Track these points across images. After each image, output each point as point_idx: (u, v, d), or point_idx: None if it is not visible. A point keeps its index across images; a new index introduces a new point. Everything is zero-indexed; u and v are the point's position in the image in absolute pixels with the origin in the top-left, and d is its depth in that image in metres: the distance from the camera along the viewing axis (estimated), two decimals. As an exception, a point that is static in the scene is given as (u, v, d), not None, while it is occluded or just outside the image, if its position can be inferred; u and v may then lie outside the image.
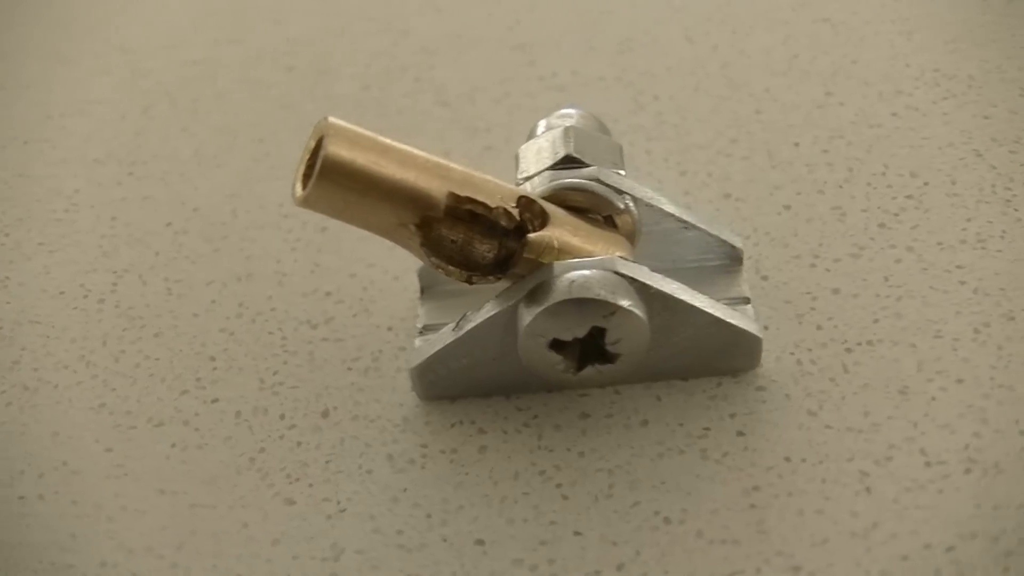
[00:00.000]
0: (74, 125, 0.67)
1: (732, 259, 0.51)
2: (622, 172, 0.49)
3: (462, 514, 0.45)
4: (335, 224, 0.49)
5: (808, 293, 0.51)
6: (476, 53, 0.67)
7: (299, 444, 0.49)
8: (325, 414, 0.50)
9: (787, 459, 0.45)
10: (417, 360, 0.48)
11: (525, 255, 0.46)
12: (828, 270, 0.51)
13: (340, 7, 0.75)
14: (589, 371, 0.46)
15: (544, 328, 0.45)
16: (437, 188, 0.45)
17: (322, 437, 0.49)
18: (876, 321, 0.49)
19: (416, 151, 0.46)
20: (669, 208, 0.50)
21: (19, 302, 0.57)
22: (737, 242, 0.51)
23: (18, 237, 0.60)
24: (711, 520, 0.44)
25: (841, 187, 0.55)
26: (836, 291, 0.51)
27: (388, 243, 0.47)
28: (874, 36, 0.65)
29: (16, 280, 0.58)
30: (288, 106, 0.65)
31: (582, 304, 0.44)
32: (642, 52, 0.66)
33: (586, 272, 0.45)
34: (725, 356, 0.48)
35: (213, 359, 0.52)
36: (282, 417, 0.50)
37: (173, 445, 0.49)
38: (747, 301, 0.50)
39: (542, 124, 0.52)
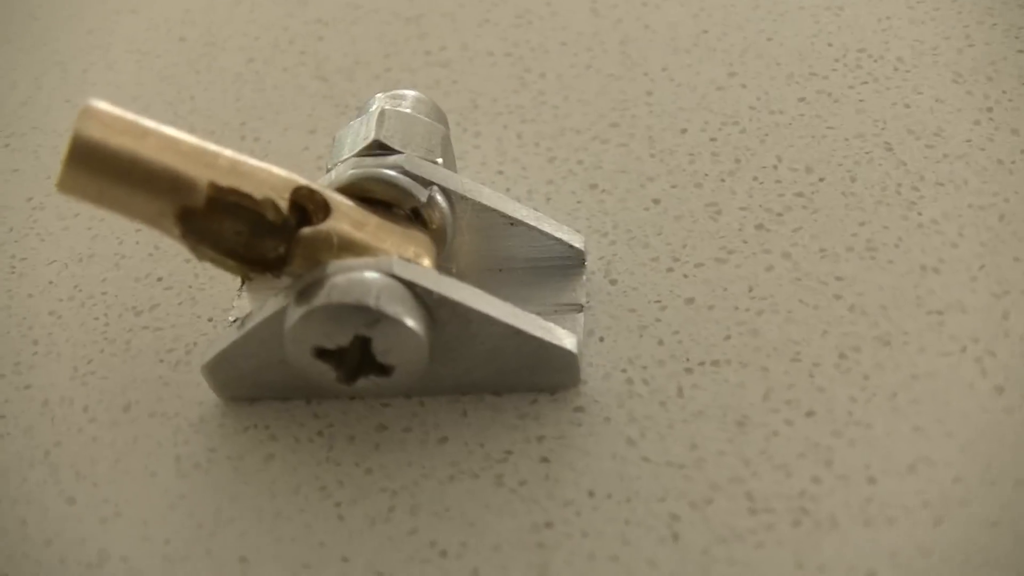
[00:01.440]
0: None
1: (572, 260, 0.43)
2: (439, 160, 0.42)
3: (232, 527, 0.39)
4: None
5: (658, 301, 0.43)
6: (368, 24, 0.59)
7: (94, 440, 0.43)
8: (126, 408, 0.44)
9: (591, 493, 0.38)
10: (206, 357, 0.42)
11: (301, 252, 0.39)
12: (686, 276, 0.44)
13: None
14: (364, 383, 0.40)
15: (305, 335, 0.38)
16: (198, 176, 0.39)
17: (117, 433, 0.43)
18: (727, 338, 0.41)
19: (182, 136, 0.39)
20: (491, 201, 0.42)
21: None
22: (576, 241, 0.44)
23: None
24: (490, 557, 0.37)
25: (723, 181, 0.47)
26: (690, 301, 0.43)
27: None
28: (798, 10, 0.55)
29: None
30: (168, 78, 0.58)
31: (342, 310, 0.37)
32: (539, 25, 0.57)
33: (354, 274, 0.38)
34: (538, 371, 0.41)
35: (35, 343, 0.47)
36: (85, 409, 0.44)
37: None
38: (580, 309, 0.43)
39: (373, 102, 0.45)
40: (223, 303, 0.47)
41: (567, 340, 0.40)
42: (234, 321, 0.45)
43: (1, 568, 0.40)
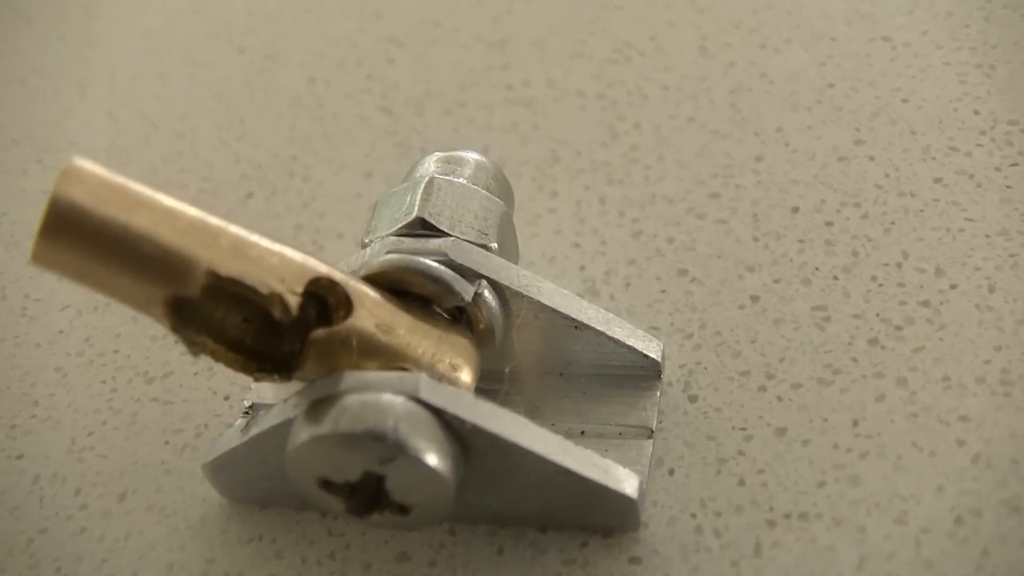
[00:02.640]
0: (12, 98, 0.54)
1: (646, 371, 0.36)
2: (493, 245, 0.35)
3: None
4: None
5: (743, 429, 0.35)
6: (445, 47, 0.51)
7: (83, 531, 0.37)
8: (122, 497, 0.38)
9: None
10: (208, 457, 0.36)
11: (315, 354, 0.33)
12: (780, 398, 0.35)
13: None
14: (379, 518, 0.33)
15: (309, 462, 0.31)
16: (195, 259, 0.32)
17: (108, 527, 0.37)
18: (822, 485, 0.33)
19: (183, 208, 0.32)
20: (552, 300, 0.35)
21: None
22: (653, 351, 0.36)
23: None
24: None
25: (836, 279, 0.38)
26: (781, 432, 0.35)
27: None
28: (942, 66, 0.45)
29: None
30: (221, 96, 0.50)
31: (350, 440, 0.30)
32: (639, 63, 0.48)
33: (370, 396, 0.31)
34: (591, 511, 0.33)
35: (36, 404, 0.41)
36: (77, 492, 0.38)
37: None
38: (649, 434, 0.35)
39: (423, 164, 0.38)
40: (243, 379, 0.40)
41: (627, 484, 0.32)
42: (248, 408, 0.39)
43: None
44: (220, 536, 0.36)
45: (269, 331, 0.33)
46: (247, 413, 0.38)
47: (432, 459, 0.30)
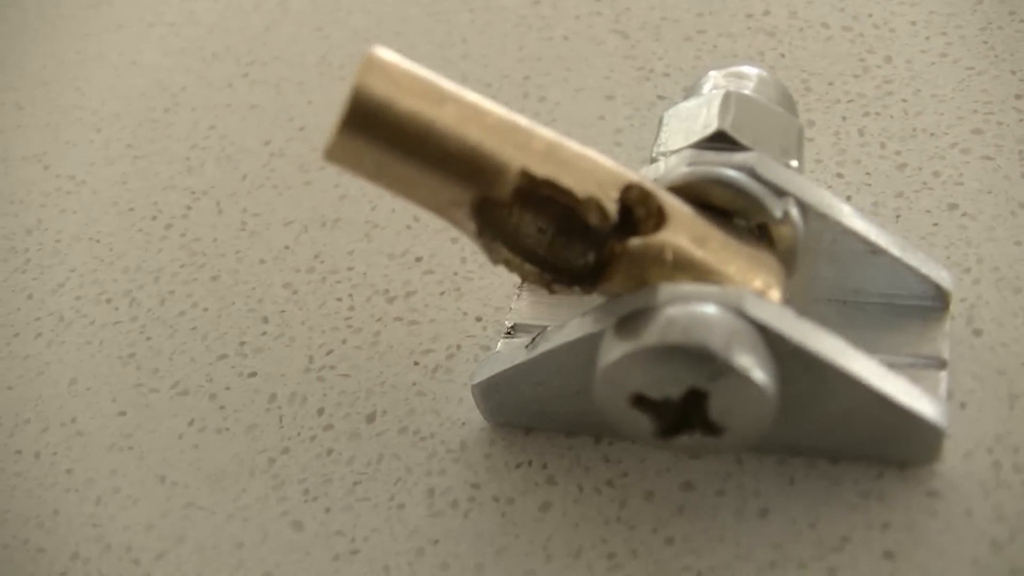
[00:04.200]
0: (203, 11, 0.55)
1: (936, 300, 0.35)
2: (794, 163, 0.34)
3: None
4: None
5: None
6: None
7: (329, 452, 0.37)
8: (370, 418, 0.37)
9: None
10: (481, 376, 0.35)
11: (625, 266, 0.32)
12: None
13: None
14: (686, 440, 0.32)
15: (626, 377, 0.31)
16: (507, 160, 0.31)
17: (358, 448, 0.37)
18: None
19: (490, 106, 0.32)
20: (852, 222, 0.34)
21: (87, 213, 0.46)
22: (945, 280, 0.35)
23: (108, 135, 0.49)
24: None
25: (1121, 215, 0.39)
26: None
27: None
28: None
29: (91, 186, 0.47)
30: (437, 13, 0.50)
31: (679, 354, 0.30)
32: None
33: (696, 308, 0.30)
34: (891, 441, 0.33)
35: (266, 321, 0.41)
36: (320, 412, 0.38)
37: (191, 423, 0.38)
38: (943, 365, 0.34)
39: (708, 80, 0.37)
40: (495, 300, 0.40)
41: (934, 411, 0.32)
42: (511, 329, 0.38)
43: None
44: (484, 460, 0.36)
45: (563, 242, 0.33)
46: (509, 334, 0.38)
47: (762, 378, 0.30)
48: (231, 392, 0.39)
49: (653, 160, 0.35)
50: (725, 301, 0.31)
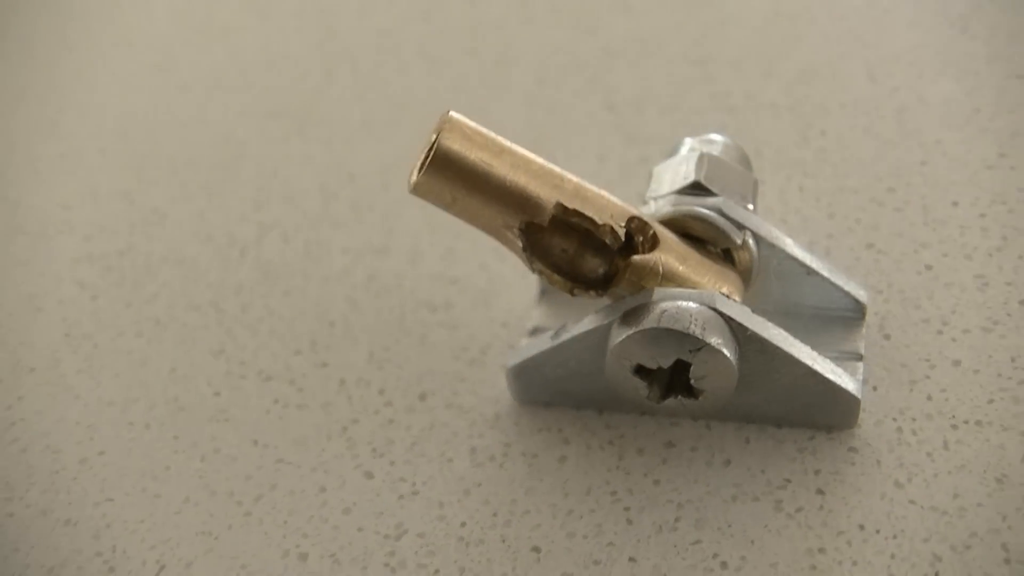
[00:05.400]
0: (259, 76, 0.71)
1: (854, 312, 0.51)
2: (750, 207, 0.50)
3: (526, 519, 0.46)
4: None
5: (927, 360, 0.50)
6: (655, 61, 0.68)
7: (391, 422, 0.51)
8: (422, 397, 0.52)
9: (861, 527, 0.45)
10: (514, 361, 0.50)
11: (628, 276, 0.47)
12: (954, 340, 0.51)
13: (534, -4, 0.78)
14: (672, 402, 0.47)
15: (630, 352, 0.46)
16: (547, 196, 0.46)
17: (414, 419, 0.51)
18: (991, 402, 0.48)
19: (533, 157, 0.47)
20: (793, 250, 0.50)
21: (171, 240, 0.61)
22: (862, 296, 0.51)
23: (185, 177, 0.65)
24: (767, 573, 0.44)
25: (990, 256, 0.54)
26: (957, 363, 0.50)
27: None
28: None
29: (173, 219, 0.62)
30: (461, 89, 0.67)
31: (670, 335, 0.45)
32: (819, 85, 0.65)
33: (682, 303, 0.45)
34: (821, 410, 0.48)
35: (332, 325, 0.55)
36: (381, 392, 0.52)
37: (276, 401, 0.52)
38: (859, 358, 0.50)
39: (685, 144, 0.53)
40: (517, 310, 0.54)
41: (852, 385, 0.47)
42: (533, 330, 0.53)
43: (301, 528, 0.48)
44: (514, 427, 0.50)
45: (580, 260, 0.48)
46: (532, 333, 0.52)
47: (728, 351, 0.45)
48: (307, 378, 0.53)
49: (645, 202, 0.50)
50: (702, 299, 0.46)
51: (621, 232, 0.47)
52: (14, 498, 0.49)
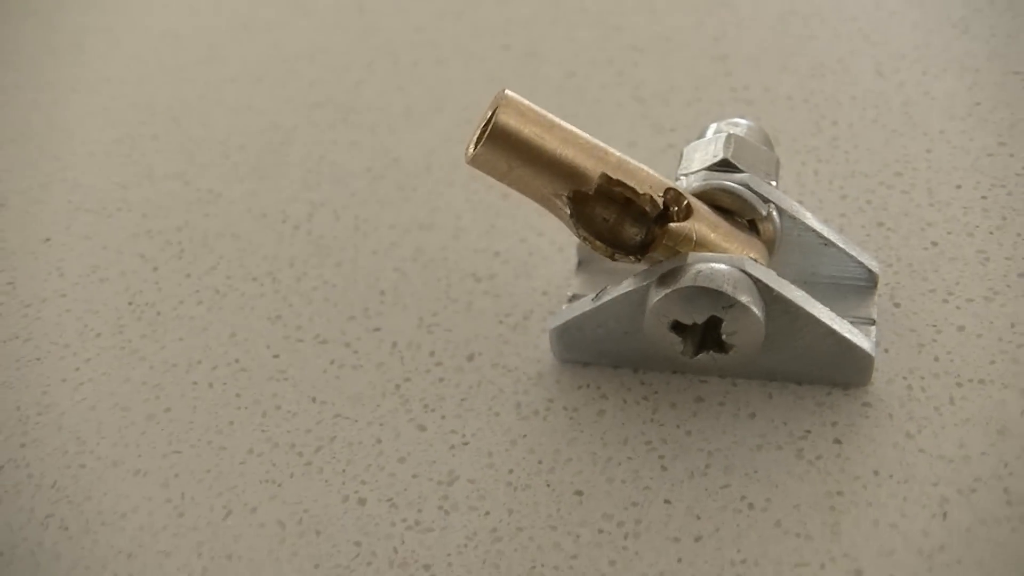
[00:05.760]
0: (303, 69, 0.77)
1: (867, 281, 0.56)
2: (773, 183, 0.55)
3: (569, 466, 0.51)
4: (516, 194, 0.56)
5: (934, 326, 0.55)
6: (679, 57, 0.74)
7: (441, 380, 0.56)
8: (470, 358, 0.57)
9: (875, 472, 0.50)
10: (557, 322, 0.55)
11: (665, 242, 0.52)
12: (959, 308, 0.56)
13: (565, -2, 0.84)
14: (704, 357, 0.52)
15: (668, 309, 0.51)
16: (592, 168, 0.51)
17: (462, 377, 0.56)
18: (992, 363, 0.54)
19: (580, 132, 0.52)
20: (812, 223, 0.55)
21: (226, 217, 0.66)
22: (874, 266, 0.56)
23: (236, 160, 0.70)
24: (791, 513, 0.49)
25: (991, 233, 0.60)
26: (961, 328, 0.55)
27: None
28: None
29: (227, 198, 0.67)
30: (496, 80, 0.73)
31: (704, 293, 0.50)
32: (832, 79, 0.71)
33: (715, 265, 0.51)
34: (838, 368, 0.53)
35: (383, 293, 0.60)
36: (432, 354, 0.57)
37: (332, 362, 0.57)
38: (872, 323, 0.55)
39: (712, 127, 0.58)
40: (556, 280, 0.60)
41: (868, 345, 0.53)
42: (572, 297, 0.58)
43: (359, 476, 0.53)
44: (556, 384, 0.55)
45: (620, 226, 0.53)
46: (571, 299, 0.57)
47: (757, 309, 0.50)
48: (361, 341, 0.58)
49: (677, 179, 0.55)
50: (732, 263, 0.51)
51: (660, 201, 0.52)
52: (85, 451, 0.54)
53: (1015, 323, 0.55)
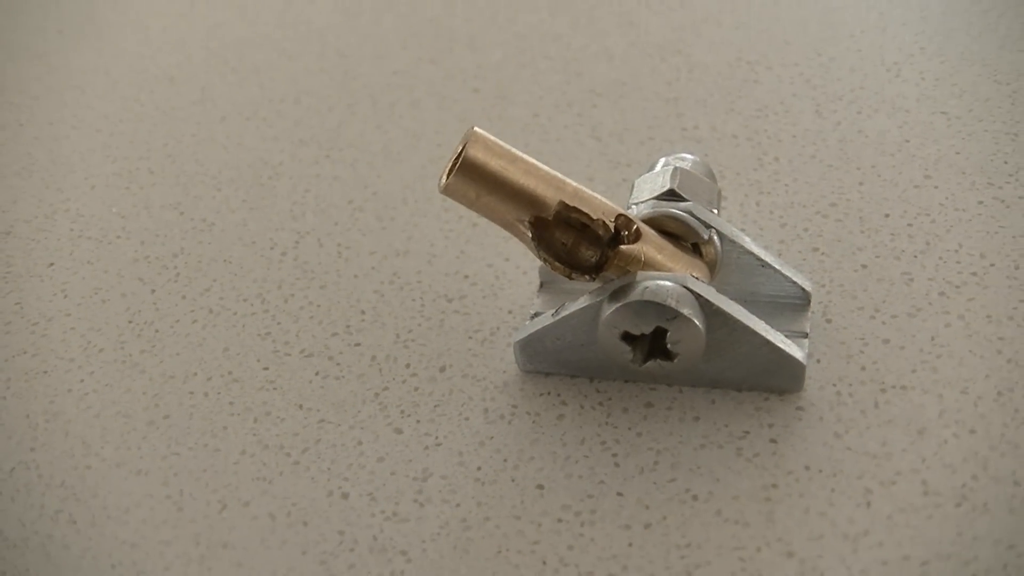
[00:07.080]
0: (289, 110, 0.85)
1: (801, 299, 0.63)
2: (715, 211, 0.62)
3: (531, 463, 0.58)
4: (484, 222, 0.64)
5: (862, 339, 0.62)
6: (634, 100, 0.82)
7: (416, 389, 0.62)
8: (442, 369, 0.63)
9: (807, 467, 0.57)
10: (520, 336, 0.62)
11: (617, 263, 0.59)
12: (884, 323, 0.63)
13: (526, 45, 0.92)
14: (652, 365, 0.59)
15: (619, 321, 0.58)
16: (551, 196, 0.58)
17: (435, 386, 0.62)
18: (914, 371, 0.61)
19: (540, 164, 0.59)
20: (750, 246, 0.62)
21: (219, 244, 0.73)
22: (808, 286, 0.63)
23: (227, 193, 0.77)
24: (730, 504, 0.55)
25: (916, 257, 0.67)
26: (886, 341, 0.62)
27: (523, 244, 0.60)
28: (982, 132, 0.76)
29: (220, 227, 0.74)
30: (467, 120, 0.80)
31: (651, 306, 0.57)
32: (774, 119, 0.79)
33: (660, 282, 0.57)
34: (773, 376, 0.60)
35: (363, 312, 0.67)
36: (407, 366, 0.64)
37: (317, 373, 0.64)
38: (805, 336, 0.62)
39: (661, 161, 0.65)
40: (520, 300, 0.66)
41: (800, 354, 0.59)
42: (535, 314, 0.65)
43: (342, 473, 0.59)
44: (520, 392, 0.62)
45: (576, 249, 0.60)
46: (533, 316, 0.64)
47: (698, 321, 0.57)
48: (343, 355, 0.65)
49: (628, 208, 0.62)
50: (676, 280, 0.58)
51: (612, 226, 0.59)
52: (90, 453, 0.60)
53: (935, 336, 0.62)
